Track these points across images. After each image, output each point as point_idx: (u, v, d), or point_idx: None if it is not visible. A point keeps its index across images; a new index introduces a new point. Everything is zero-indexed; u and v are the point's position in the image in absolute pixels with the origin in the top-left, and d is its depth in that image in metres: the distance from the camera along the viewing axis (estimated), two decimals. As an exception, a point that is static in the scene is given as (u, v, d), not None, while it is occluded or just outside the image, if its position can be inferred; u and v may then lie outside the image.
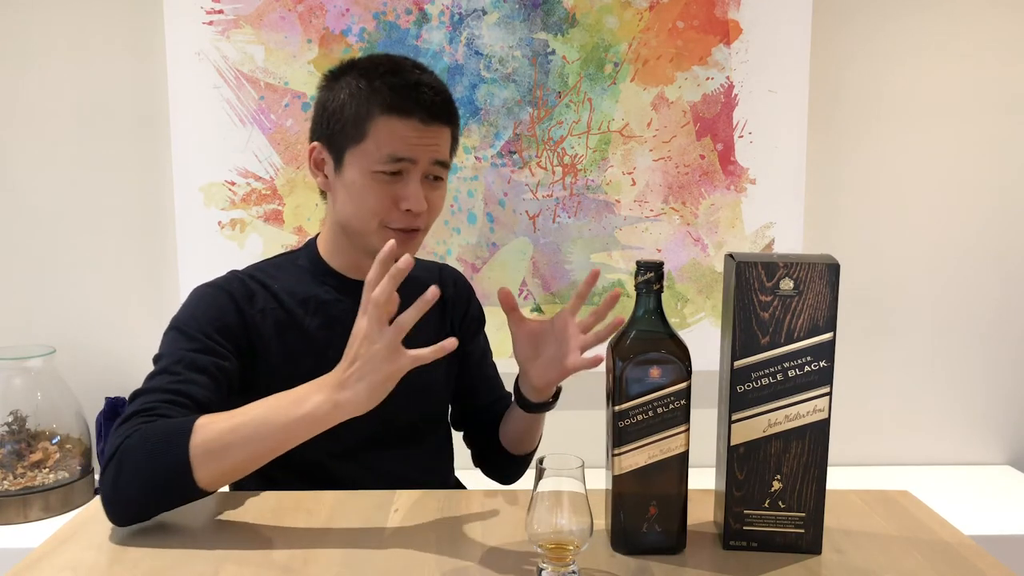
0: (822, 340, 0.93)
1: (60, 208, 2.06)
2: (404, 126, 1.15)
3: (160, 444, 0.98)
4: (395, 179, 1.17)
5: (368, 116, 1.16)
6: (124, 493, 0.99)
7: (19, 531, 1.79)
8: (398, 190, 1.17)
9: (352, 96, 1.18)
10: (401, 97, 1.15)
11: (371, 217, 1.18)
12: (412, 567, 0.92)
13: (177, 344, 1.14)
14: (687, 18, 2.03)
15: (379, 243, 1.20)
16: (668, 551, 0.96)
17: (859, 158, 2.12)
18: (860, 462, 2.19)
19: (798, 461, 0.95)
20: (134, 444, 0.99)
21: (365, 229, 1.20)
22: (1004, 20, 2.08)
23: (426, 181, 1.19)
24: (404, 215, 1.18)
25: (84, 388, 2.01)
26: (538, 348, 1.20)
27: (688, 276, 2.11)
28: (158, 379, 1.10)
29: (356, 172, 1.18)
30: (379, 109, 1.16)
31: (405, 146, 1.15)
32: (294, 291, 1.24)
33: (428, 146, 1.17)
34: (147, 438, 0.99)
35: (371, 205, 1.17)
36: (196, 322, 1.16)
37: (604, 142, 2.07)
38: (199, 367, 1.12)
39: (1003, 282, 2.17)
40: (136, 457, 0.98)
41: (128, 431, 1.01)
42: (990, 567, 0.94)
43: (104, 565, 0.93)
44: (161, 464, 0.98)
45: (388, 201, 1.17)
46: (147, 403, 1.06)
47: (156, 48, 2.01)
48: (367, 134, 1.16)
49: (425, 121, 1.16)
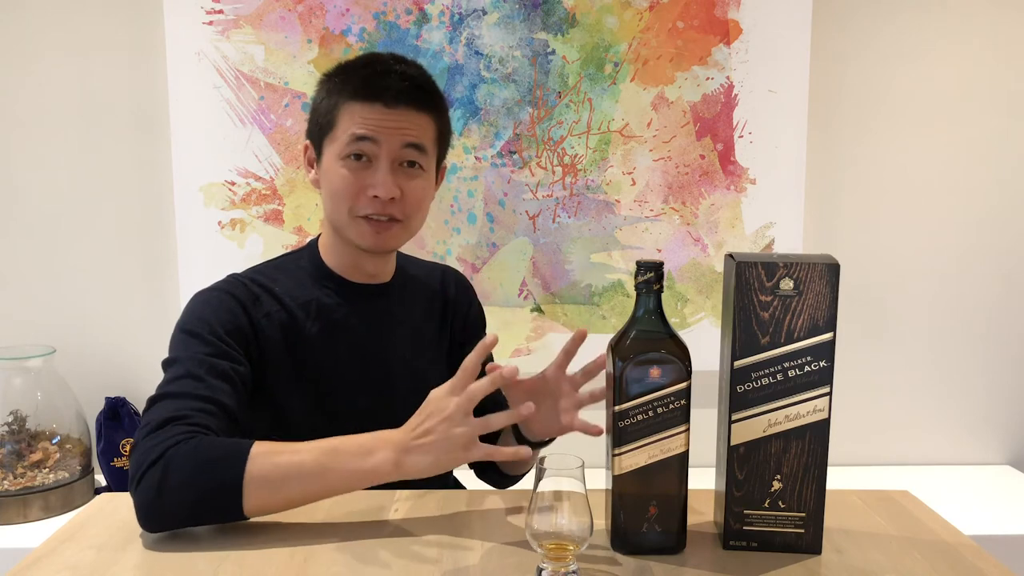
0: (822, 340, 0.93)
1: (60, 208, 2.06)
2: (367, 109, 1.16)
3: (215, 462, 0.97)
4: (364, 165, 1.17)
5: (337, 105, 1.18)
6: (170, 501, 0.97)
7: (19, 531, 1.79)
8: (366, 177, 1.17)
9: (329, 91, 1.20)
10: (366, 84, 1.17)
11: (342, 205, 1.18)
12: (412, 567, 0.92)
13: (192, 348, 1.12)
14: (687, 18, 2.03)
15: (354, 235, 1.20)
16: (668, 551, 0.96)
17: (859, 158, 2.12)
18: (860, 462, 2.19)
19: (798, 461, 0.95)
20: (185, 454, 0.97)
21: (339, 219, 1.20)
22: (1004, 20, 2.08)
23: (400, 168, 1.18)
24: (372, 202, 1.17)
25: (84, 388, 2.01)
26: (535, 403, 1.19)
27: (688, 276, 2.11)
28: (182, 383, 1.08)
29: (329, 161, 1.19)
30: (346, 96, 1.17)
31: (365, 125, 1.15)
32: (296, 294, 1.23)
33: (393, 128, 1.16)
34: (199, 451, 0.98)
35: (341, 192, 1.18)
36: (208, 325, 1.14)
37: (604, 142, 2.07)
38: (220, 372, 1.10)
39: (1003, 282, 2.17)
40: (186, 468, 0.96)
41: (174, 438, 0.99)
42: (990, 567, 0.94)
43: (104, 565, 0.93)
44: (214, 481, 0.96)
45: (356, 187, 1.17)
46: (180, 409, 1.04)
47: (156, 48, 2.01)
48: (336, 122, 1.18)
49: (389, 104, 1.16)
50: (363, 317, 1.26)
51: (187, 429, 1.01)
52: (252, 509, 0.98)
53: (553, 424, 1.16)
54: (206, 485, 0.96)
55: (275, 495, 0.98)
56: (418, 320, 1.33)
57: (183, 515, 0.98)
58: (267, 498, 0.98)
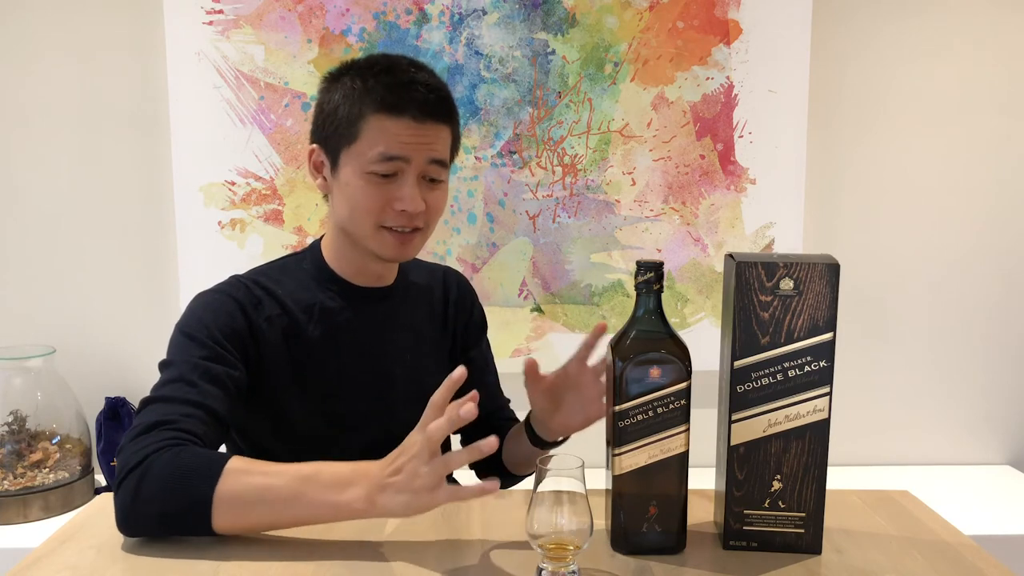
0: (822, 340, 0.93)
1: (60, 208, 2.06)
2: (396, 124, 1.13)
3: (189, 474, 0.95)
4: (389, 180, 1.15)
5: (360, 116, 1.14)
6: (143, 510, 0.96)
7: (19, 531, 1.79)
8: (393, 191, 1.15)
9: (346, 97, 1.16)
10: (393, 95, 1.13)
11: (366, 218, 1.16)
12: (412, 567, 0.92)
13: (188, 351, 1.11)
14: (687, 18, 2.03)
15: (376, 245, 1.19)
16: (668, 551, 0.96)
17: (859, 158, 2.12)
18: (860, 462, 2.19)
19: (798, 461, 0.95)
20: (163, 463, 0.96)
21: (361, 231, 1.18)
22: (1004, 20, 2.08)
23: (423, 181, 1.17)
24: (400, 215, 1.16)
25: (84, 388, 2.01)
26: (556, 400, 1.18)
27: (688, 276, 2.11)
28: (174, 387, 1.07)
29: (350, 173, 1.16)
30: (371, 108, 1.13)
31: (397, 145, 1.13)
32: (298, 297, 1.22)
33: (421, 144, 1.14)
34: (177, 463, 0.96)
35: (365, 206, 1.15)
36: (206, 328, 1.13)
37: (604, 142, 2.07)
38: (213, 377, 1.09)
39: (1003, 282, 2.17)
40: (162, 477, 0.96)
41: (157, 443, 0.98)
42: (990, 567, 0.94)
43: (104, 565, 0.93)
44: (185, 495, 0.95)
45: (382, 202, 1.15)
46: (169, 414, 1.03)
47: (156, 48, 2.01)
48: (360, 134, 1.14)
49: (418, 119, 1.13)
50: (365, 320, 1.25)
51: (172, 435, 1.00)
52: (222, 528, 0.96)
53: (576, 417, 1.17)
54: (179, 497, 0.95)
55: (244, 518, 0.96)
56: (420, 323, 1.33)
57: (156, 524, 0.97)
58: (235, 520, 0.96)
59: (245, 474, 0.96)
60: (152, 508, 0.96)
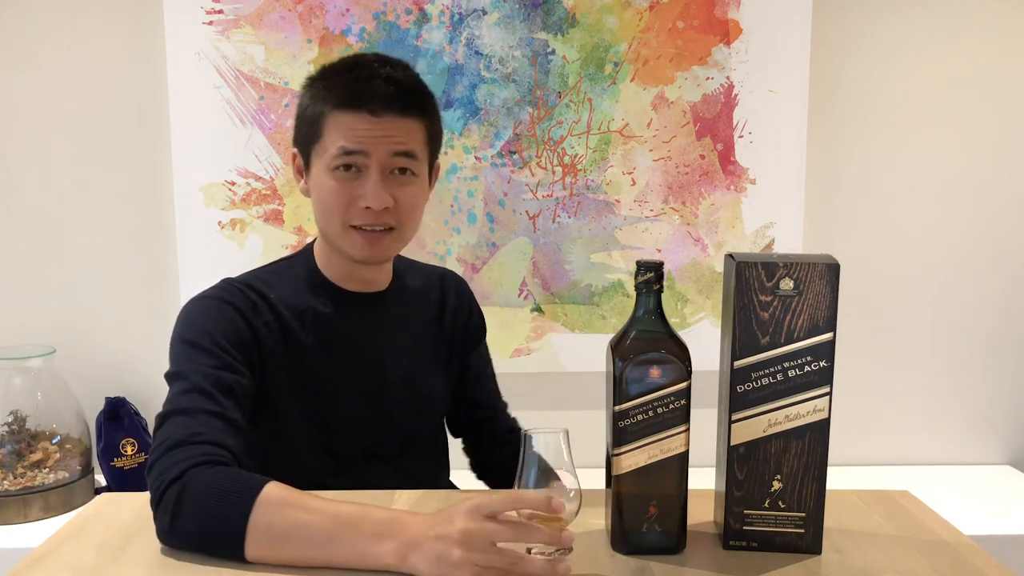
0: (822, 340, 0.93)
1: (60, 208, 2.06)
2: (353, 119, 1.13)
3: (226, 498, 0.93)
4: (354, 176, 1.14)
5: (322, 114, 1.15)
6: (184, 527, 0.94)
7: (19, 531, 1.79)
8: (356, 188, 1.14)
9: (313, 98, 1.17)
10: (350, 90, 1.14)
11: (334, 217, 1.16)
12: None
13: (197, 360, 1.08)
14: (687, 18, 2.03)
15: (347, 245, 1.17)
16: (668, 551, 0.96)
17: (859, 158, 2.12)
18: (860, 462, 2.19)
19: (798, 461, 0.95)
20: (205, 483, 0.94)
21: (332, 231, 1.17)
22: (1004, 20, 2.08)
23: (391, 176, 1.15)
24: (365, 213, 1.14)
25: (84, 388, 2.01)
26: None
27: (688, 276, 2.11)
28: (192, 398, 1.04)
29: (318, 172, 1.16)
30: (331, 105, 1.14)
31: (354, 138, 1.13)
32: (291, 302, 1.20)
33: (380, 138, 1.13)
34: (216, 484, 0.94)
35: (332, 205, 1.15)
36: (210, 336, 1.11)
37: (604, 142, 2.07)
38: (225, 386, 1.07)
39: (1003, 282, 2.17)
40: (200, 497, 0.93)
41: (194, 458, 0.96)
42: (990, 567, 0.94)
43: (104, 565, 0.93)
44: (219, 519, 0.92)
45: (347, 199, 1.14)
46: (195, 427, 1.00)
47: (156, 48, 2.00)
48: (323, 132, 1.15)
49: (376, 112, 1.13)
50: (359, 326, 1.24)
51: (206, 451, 0.98)
52: (253, 558, 0.92)
53: None
54: (214, 520, 0.92)
55: (275, 552, 0.92)
56: (415, 327, 1.31)
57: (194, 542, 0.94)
58: (267, 552, 0.92)
59: (280, 503, 0.93)
60: (192, 526, 0.93)
